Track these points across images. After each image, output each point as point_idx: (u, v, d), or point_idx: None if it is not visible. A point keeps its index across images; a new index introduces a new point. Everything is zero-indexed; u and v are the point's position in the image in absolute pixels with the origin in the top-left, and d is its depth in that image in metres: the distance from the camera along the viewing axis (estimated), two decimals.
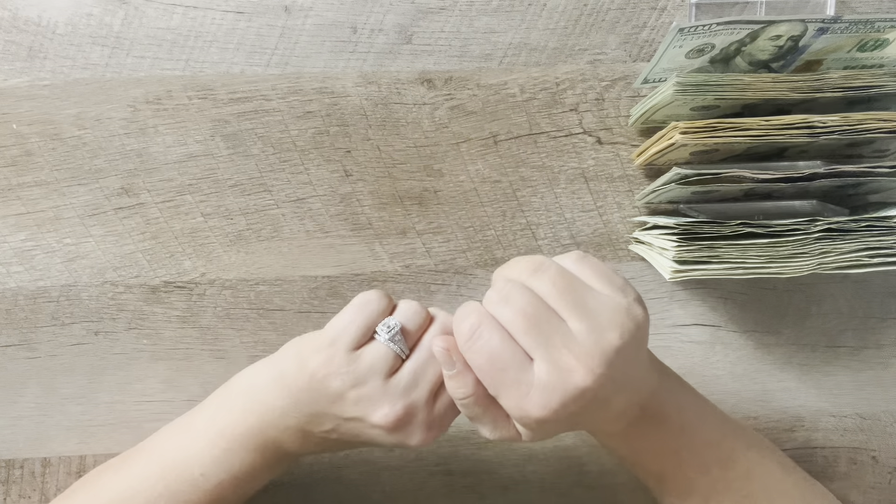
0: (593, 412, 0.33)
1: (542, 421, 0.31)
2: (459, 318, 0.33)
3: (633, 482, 0.49)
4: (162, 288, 0.47)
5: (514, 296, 0.32)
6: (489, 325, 0.32)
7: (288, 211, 0.47)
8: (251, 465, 0.38)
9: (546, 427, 0.32)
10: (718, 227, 0.40)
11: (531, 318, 0.31)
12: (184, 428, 0.40)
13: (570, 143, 0.47)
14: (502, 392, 0.32)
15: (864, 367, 0.50)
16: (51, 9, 0.45)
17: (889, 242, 0.40)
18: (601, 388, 0.31)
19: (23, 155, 0.46)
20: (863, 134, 0.38)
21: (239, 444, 0.37)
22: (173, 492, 0.38)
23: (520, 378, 0.31)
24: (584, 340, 0.31)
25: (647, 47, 0.47)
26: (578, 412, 0.31)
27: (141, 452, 0.40)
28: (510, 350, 0.31)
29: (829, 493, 0.42)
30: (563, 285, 0.32)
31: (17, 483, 0.47)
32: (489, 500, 0.49)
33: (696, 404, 0.40)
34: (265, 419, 0.37)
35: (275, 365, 0.37)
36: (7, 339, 0.46)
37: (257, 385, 0.38)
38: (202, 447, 0.38)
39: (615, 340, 0.31)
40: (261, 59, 0.46)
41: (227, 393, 0.39)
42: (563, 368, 0.30)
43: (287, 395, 0.36)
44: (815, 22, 0.37)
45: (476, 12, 0.46)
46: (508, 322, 0.31)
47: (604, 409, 0.33)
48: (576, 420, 0.33)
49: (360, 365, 0.34)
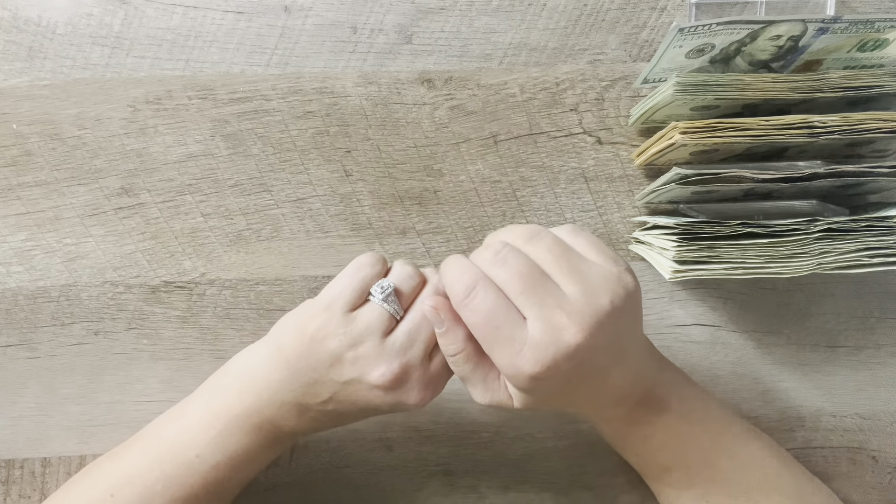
0: (590, 381, 0.34)
1: (534, 378, 0.32)
2: (453, 276, 0.34)
3: (633, 482, 0.49)
4: (162, 288, 0.47)
5: (511, 258, 0.33)
6: (485, 285, 0.33)
7: (288, 211, 0.47)
8: (247, 447, 0.38)
9: (539, 387, 0.33)
10: (718, 227, 0.40)
11: (527, 279, 0.32)
12: (180, 414, 0.40)
13: (570, 143, 0.47)
14: (496, 348, 0.33)
15: (863, 367, 0.50)
16: (51, 9, 0.45)
17: (889, 242, 0.40)
18: (593, 350, 0.32)
19: (23, 155, 0.46)
20: (863, 134, 0.38)
21: (235, 425, 0.38)
22: (170, 475, 0.38)
23: (513, 335, 0.32)
24: (577, 301, 0.32)
25: (647, 47, 0.47)
26: (572, 373, 0.32)
27: (138, 440, 0.40)
28: (504, 308, 0.32)
29: (827, 489, 0.43)
30: (559, 252, 0.33)
31: (17, 483, 0.47)
32: (489, 500, 0.49)
33: (697, 396, 0.40)
34: (262, 397, 0.37)
35: (270, 341, 0.38)
36: (7, 339, 0.46)
37: (253, 364, 0.38)
38: (198, 430, 0.38)
39: (606, 304, 0.32)
40: (261, 59, 0.46)
41: (221, 377, 0.40)
42: (556, 326, 0.31)
43: (285, 367, 0.36)
44: (815, 22, 0.37)
45: (476, 12, 0.46)
46: (504, 282, 0.32)
47: (600, 379, 0.34)
48: (571, 386, 0.33)
49: (357, 325, 0.35)
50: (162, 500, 0.38)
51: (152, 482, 0.38)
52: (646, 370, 0.37)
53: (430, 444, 0.49)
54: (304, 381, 0.36)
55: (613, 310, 0.32)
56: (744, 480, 0.39)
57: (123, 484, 0.38)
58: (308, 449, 0.48)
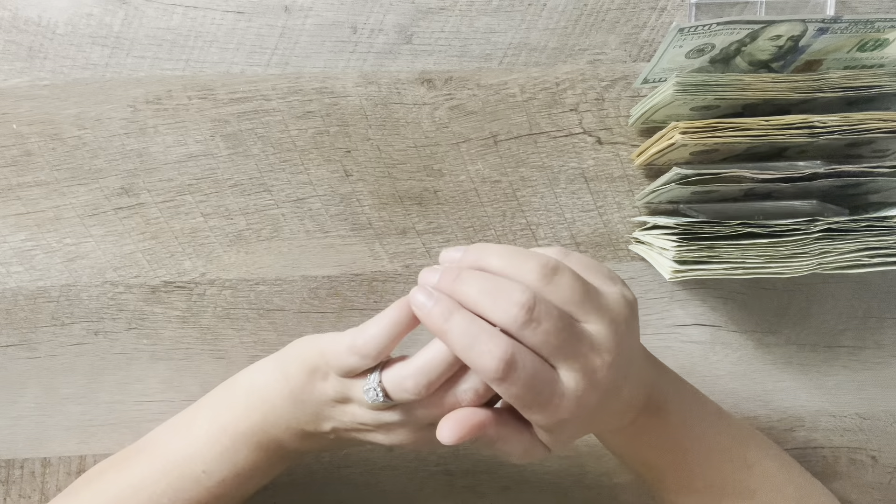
0: (608, 403, 0.33)
1: (570, 420, 0.32)
2: (482, 349, 0.30)
3: (633, 482, 0.49)
4: (162, 288, 0.47)
5: (544, 316, 0.30)
6: (521, 355, 0.30)
7: (288, 211, 0.47)
8: (254, 463, 0.38)
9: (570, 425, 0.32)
10: (718, 227, 0.40)
11: (562, 335, 0.30)
12: (185, 425, 0.40)
13: (570, 143, 0.47)
14: (535, 410, 0.31)
15: (863, 367, 0.50)
16: (51, 9, 0.45)
17: (889, 242, 0.40)
18: (615, 377, 0.32)
19: (23, 155, 0.46)
20: (863, 134, 0.38)
21: (241, 441, 0.38)
22: (176, 489, 0.38)
23: (553, 391, 0.31)
24: (605, 339, 0.31)
25: (647, 47, 0.47)
26: (599, 405, 0.32)
27: (143, 451, 0.40)
28: (542, 371, 0.30)
29: (826, 490, 0.43)
30: (581, 291, 0.31)
31: (17, 483, 0.47)
32: (489, 500, 0.49)
33: (696, 400, 0.40)
34: (268, 418, 0.37)
35: (278, 366, 0.38)
36: (7, 339, 0.46)
37: (260, 384, 0.38)
38: (204, 444, 0.38)
39: (624, 329, 0.32)
40: (261, 59, 0.46)
41: (229, 390, 0.39)
42: (591, 369, 0.31)
43: (289, 395, 0.36)
44: (815, 22, 0.37)
45: (476, 12, 0.46)
46: (540, 344, 0.30)
47: (616, 398, 0.33)
48: (594, 415, 0.33)
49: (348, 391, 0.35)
50: None
51: (158, 495, 0.38)
52: (647, 377, 0.37)
53: None
54: (308, 412, 0.36)
55: (627, 330, 0.32)
56: (745, 482, 0.39)
57: (128, 496, 0.38)
58: None
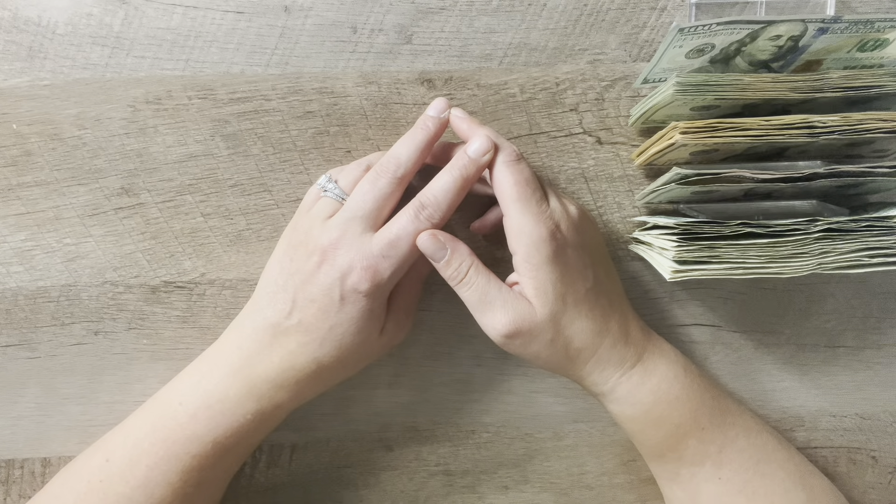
0: (579, 274, 0.40)
1: (558, 231, 0.39)
2: (500, 140, 0.40)
3: (633, 482, 0.49)
4: (162, 288, 0.47)
5: (526, 162, 0.40)
6: (521, 158, 0.40)
7: (288, 211, 0.47)
8: (224, 392, 0.39)
9: (558, 248, 0.39)
10: (718, 227, 0.40)
11: (539, 179, 0.41)
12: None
13: (570, 143, 0.47)
14: (527, 209, 0.38)
15: (863, 367, 0.50)
16: (51, 9, 0.45)
17: (889, 242, 0.40)
18: (577, 244, 0.40)
19: (23, 155, 0.46)
20: (863, 134, 0.38)
21: (217, 367, 0.40)
22: (154, 426, 0.40)
23: (541, 198, 0.39)
24: (559, 209, 0.40)
25: (647, 47, 0.47)
26: (578, 241, 0.40)
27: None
28: (535, 178, 0.40)
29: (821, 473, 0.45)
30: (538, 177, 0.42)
31: (17, 483, 0.47)
32: (489, 500, 0.49)
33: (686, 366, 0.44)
34: (244, 331, 0.41)
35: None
36: (7, 339, 0.46)
37: (245, 314, 0.42)
38: (183, 375, 0.42)
39: (574, 211, 0.41)
40: (261, 59, 0.46)
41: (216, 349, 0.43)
42: (557, 217, 0.40)
43: (282, 261, 0.41)
44: (815, 22, 0.37)
45: (476, 12, 0.46)
46: (529, 176, 0.39)
47: (582, 275, 0.40)
48: (566, 275, 0.39)
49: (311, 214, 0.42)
50: (149, 459, 0.39)
51: (141, 438, 0.39)
52: (627, 311, 0.43)
53: (430, 444, 0.49)
54: (297, 259, 0.40)
55: (580, 213, 0.41)
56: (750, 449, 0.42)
57: (118, 446, 0.40)
58: (308, 449, 0.48)
